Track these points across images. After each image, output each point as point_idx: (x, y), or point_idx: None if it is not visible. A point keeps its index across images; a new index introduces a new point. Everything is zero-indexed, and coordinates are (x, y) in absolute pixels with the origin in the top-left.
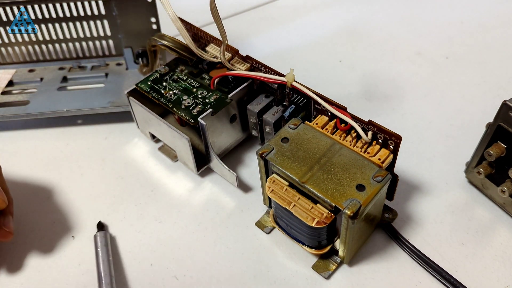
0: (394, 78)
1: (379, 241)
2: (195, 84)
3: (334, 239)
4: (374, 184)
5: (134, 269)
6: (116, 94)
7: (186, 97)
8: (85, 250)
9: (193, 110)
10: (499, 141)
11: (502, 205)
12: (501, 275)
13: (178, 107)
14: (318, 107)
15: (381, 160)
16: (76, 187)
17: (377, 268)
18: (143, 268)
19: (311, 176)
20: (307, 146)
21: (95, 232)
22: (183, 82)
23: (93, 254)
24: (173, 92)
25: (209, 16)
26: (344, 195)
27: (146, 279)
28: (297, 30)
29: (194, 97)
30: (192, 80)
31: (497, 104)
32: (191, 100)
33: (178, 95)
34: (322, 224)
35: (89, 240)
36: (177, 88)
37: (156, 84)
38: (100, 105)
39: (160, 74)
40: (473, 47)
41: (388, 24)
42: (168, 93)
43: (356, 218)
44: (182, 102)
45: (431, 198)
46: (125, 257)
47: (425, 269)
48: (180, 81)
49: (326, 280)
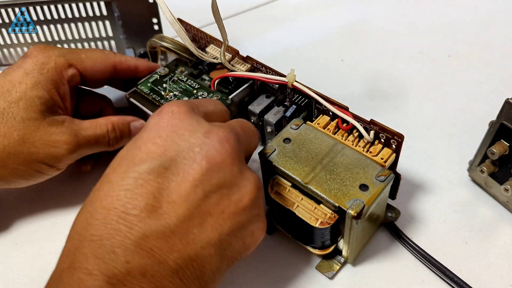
0: (396, 77)
1: (383, 240)
2: (195, 85)
3: (338, 239)
4: (377, 183)
5: None
6: (116, 95)
7: (186, 99)
8: None
9: None
10: (502, 139)
11: (505, 204)
12: (505, 273)
13: None
14: (319, 107)
15: (384, 159)
16: (78, 187)
17: (381, 267)
18: None
19: (314, 177)
20: (309, 147)
21: None
22: (183, 83)
23: None
24: (173, 93)
25: (210, 16)
26: (347, 195)
27: None
28: (298, 29)
29: (194, 99)
30: (192, 81)
31: (500, 102)
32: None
33: (178, 97)
34: (326, 225)
35: None
36: (177, 90)
37: (156, 86)
38: None
39: (160, 76)
40: (476, 46)
41: (390, 23)
42: (169, 95)
43: (359, 218)
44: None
45: (434, 197)
46: None
47: (429, 268)
48: (180, 82)
49: (330, 280)
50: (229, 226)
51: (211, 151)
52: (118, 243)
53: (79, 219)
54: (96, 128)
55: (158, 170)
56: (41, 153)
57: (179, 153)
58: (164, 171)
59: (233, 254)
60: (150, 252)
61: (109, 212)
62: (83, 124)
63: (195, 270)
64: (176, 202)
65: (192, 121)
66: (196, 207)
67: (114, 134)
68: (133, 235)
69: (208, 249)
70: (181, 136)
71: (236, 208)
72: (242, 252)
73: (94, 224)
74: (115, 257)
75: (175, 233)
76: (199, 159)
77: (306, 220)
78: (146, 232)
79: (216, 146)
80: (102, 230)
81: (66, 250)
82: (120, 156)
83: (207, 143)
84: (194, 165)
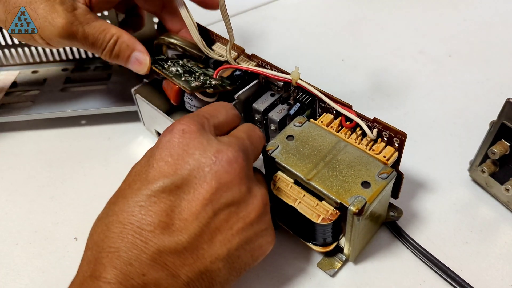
0: (397, 76)
1: (384, 239)
2: (198, 70)
3: (340, 236)
4: (379, 181)
5: None
6: (119, 94)
7: (187, 75)
8: None
9: (191, 83)
10: (502, 139)
11: (506, 204)
12: (506, 273)
13: (178, 78)
14: (323, 105)
15: (386, 157)
16: (79, 187)
17: (382, 266)
18: None
19: (316, 173)
20: (312, 144)
21: None
22: (188, 67)
23: None
24: (176, 69)
25: (212, 15)
26: (349, 192)
27: None
28: (299, 29)
29: (195, 77)
30: (196, 67)
31: (501, 102)
32: (191, 78)
33: (180, 72)
34: (328, 221)
35: None
36: (181, 69)
37: (161, 61)
38: (103, 106)
39: (166, 57)
40: (476, 45)
41: (390, 23)
42: (170, 68)
43: (361, 215)
44: (183, 77)
45: (435, 197)
46: None
47: (430, 267)
48: (185, 66)
49: (331, 278)
50: (237, 241)
51: (220, 171)
52: (135, 257)
53: (96, 231)
54: (101, 32)
55: (170, 188)
56: (37, 21)
57: (190, 172)
58: (176, 189)
59: (242, 266)
60: (164, 266)
61: (125, 227)
62: (92, 21)
63: (205, 282)
64: (188, 219)
65: (203, 140)
66: (206, 224)
67: (111, 48)
68: (148, 250)
69: (217, 263)
70: (191, 155)
71: (244, 224)
72: (250, 264)
73: (111, 237)
74: (132, 269)
75: (186, 249)
76: (209, 179)
77: (308, 216)
78: (160, 247)
79: (225, 166)
80: (119, 243)
81: (86, 259)
82: (135, 172)
83: (216, 163)
84: (204, 184)
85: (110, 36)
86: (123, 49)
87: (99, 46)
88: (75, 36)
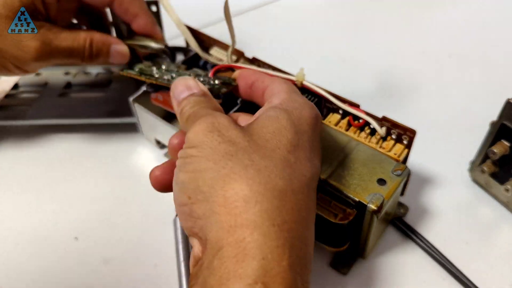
0: (397, 77)
1: (391, 236)
2: (190, 73)
3: (353, 235)
4: (394, 178)
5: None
6: (117, 102)
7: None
8: (88, 251)
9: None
10: (503, 139)
11: (506, 204)
12: (506, 273)
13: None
14: (329, 106)
15: (397, 154)
16: (79, 188)
17: (393, 262)
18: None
19: (332, 173)
20: (324, 144)
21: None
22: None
23: (96, 255)
24: (168, 77)
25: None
26: (366, 189)
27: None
28: (300, 29)
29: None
30: (183, 70)
31: (501, 103)
32: None
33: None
34: (345, 220)
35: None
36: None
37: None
38: (100, 114)
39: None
40: (477, 46)
41: (391, 23)
42: (164, 77)
43: (380, 212)
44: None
45: (435, 197)
46: None
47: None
48: (173, 71)
49: (344, 276)
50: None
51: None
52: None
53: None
54: (74, 40)
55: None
56: (9, 52)
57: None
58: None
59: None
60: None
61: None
62: (60, 34)
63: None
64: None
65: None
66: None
67: (90, 50)
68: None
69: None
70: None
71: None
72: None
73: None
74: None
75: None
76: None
77: (324, 216)
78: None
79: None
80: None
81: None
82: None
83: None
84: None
85: (83, 41)
86: (100, 47)
87: (77, 54)
88: (50, 55)
